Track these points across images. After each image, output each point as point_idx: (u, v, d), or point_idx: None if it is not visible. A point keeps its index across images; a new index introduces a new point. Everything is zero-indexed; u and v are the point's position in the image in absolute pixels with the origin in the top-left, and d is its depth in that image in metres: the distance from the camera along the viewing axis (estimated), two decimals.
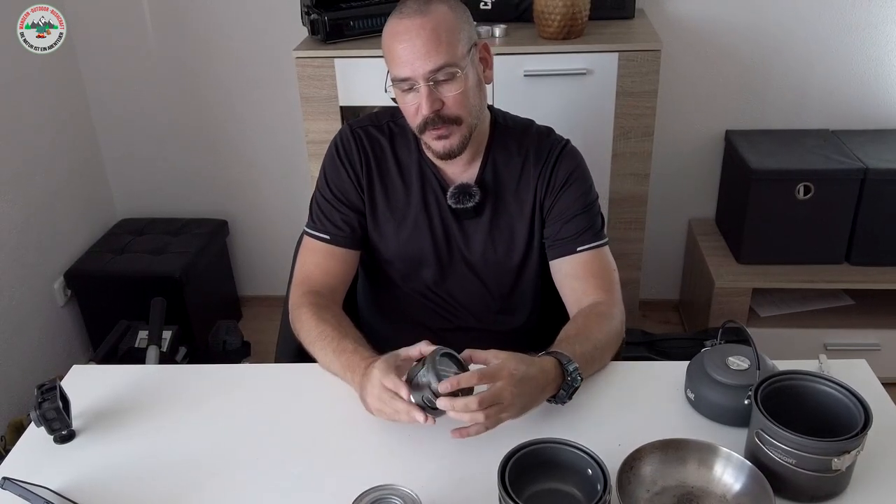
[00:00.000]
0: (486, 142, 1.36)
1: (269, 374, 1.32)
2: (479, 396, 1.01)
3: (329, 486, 1.04)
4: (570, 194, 1.34)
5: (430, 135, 1.26)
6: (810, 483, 0.96)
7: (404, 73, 1.21)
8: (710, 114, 2.47)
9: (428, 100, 1.21)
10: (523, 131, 1.39)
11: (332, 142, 1.40)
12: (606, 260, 1.35)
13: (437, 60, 1.20)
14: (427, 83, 1.21)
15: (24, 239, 2.32)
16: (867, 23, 2.30)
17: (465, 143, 1.28)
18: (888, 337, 2.31)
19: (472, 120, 1.28)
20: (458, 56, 1.21)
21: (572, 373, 1.12)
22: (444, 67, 1.20)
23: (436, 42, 1.19)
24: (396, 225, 1.38)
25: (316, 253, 1.39)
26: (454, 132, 1.26)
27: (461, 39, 1.23)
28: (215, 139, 2.66)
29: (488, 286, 1.43)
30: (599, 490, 0.91)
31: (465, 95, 1.24)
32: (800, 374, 1.04)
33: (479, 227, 1.38)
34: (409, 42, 1.19)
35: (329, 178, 1.39)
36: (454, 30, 1.22)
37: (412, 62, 1.20)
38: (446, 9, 1.22)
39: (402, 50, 1.20)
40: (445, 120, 1.24)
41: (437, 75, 1.21)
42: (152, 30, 2.50)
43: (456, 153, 1.28)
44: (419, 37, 1.19)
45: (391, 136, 1.38)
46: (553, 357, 1.13)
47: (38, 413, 1.10)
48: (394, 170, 1.37)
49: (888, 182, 2.18)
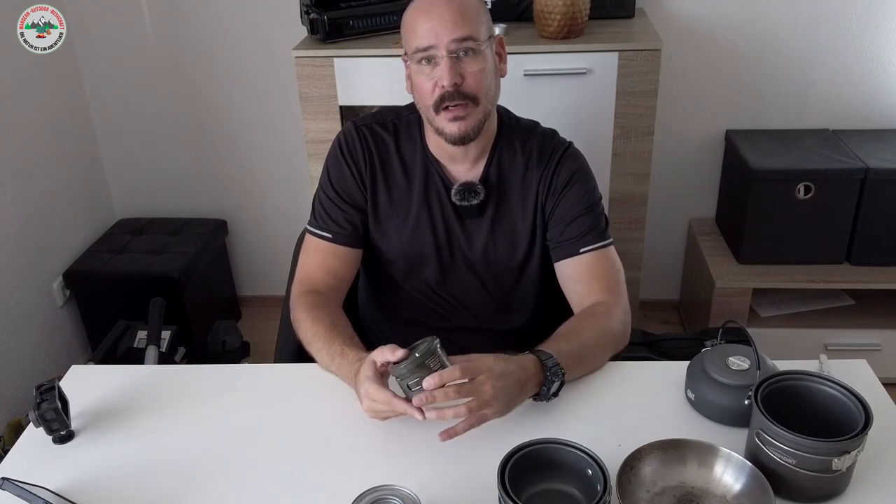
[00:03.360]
0: (492, 141, 1.36)
1: (269, 374, 1.32)
2: (458, 387, 1.02)
3: (329, 486, 1.04)
4: (573, 196, 1.34)
5: (446, 115, 1.25)
6: (810, 483, 0.96)
7: (428, 41, 1.22)
8: (710, 113, 2.47)
9: (450, 71, 1.21)
10: (528, 132, 1.38)
11: (335, 139, 1.40)
12: (610, 261, 1.35)
13: (462, 31, 1.21)
14: (450, 54, 1.21)
15: (23, 239, 2.32)
16: (867, 22, 2.30)
17: (479, 127, 1.27)
18: (888, 337, 2.30)
19: (488, 104, 1.28)
20: (482, 34, 1.24)
21: (552, 368, 1.11)
22: (468, 39, 1.22)
23: (462, 15, 1.22)
24: (399, 223, 1.38)
25: (318, 251, 1.38)
26: (470, 113, 1.25)
27: (484, 21, 1.26)
28: (214, 139, 2.66)
29: (488, 285, 1.42)
30: (599, 490, 0.90)
31: (485, 74, 1.25)
32: (800, 374, 1.04)
33: (481, 226, 1.38)
34: (436, 12, 1.22)
35: (332, 177, 1.38)
36: (479, 11, 1.26)
37: (437, 30, 1.21)
38: None
39: (428, 20, 1.22)
40: (464, 96, 1.23)
41: (461, 46, 1.22)
42: (152, 30, 2.50)
43: (471, 137, 1.27)
44: (447, 9, 1.22)
45: (395, 134, 1.38)
46: (533, 354, 1.13)
47: (36, 413, 1.10)
48: (397, 168, 1.37)
49: (888, 182, 2.17)
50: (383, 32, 2.14)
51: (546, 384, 1.12)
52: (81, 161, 2.62)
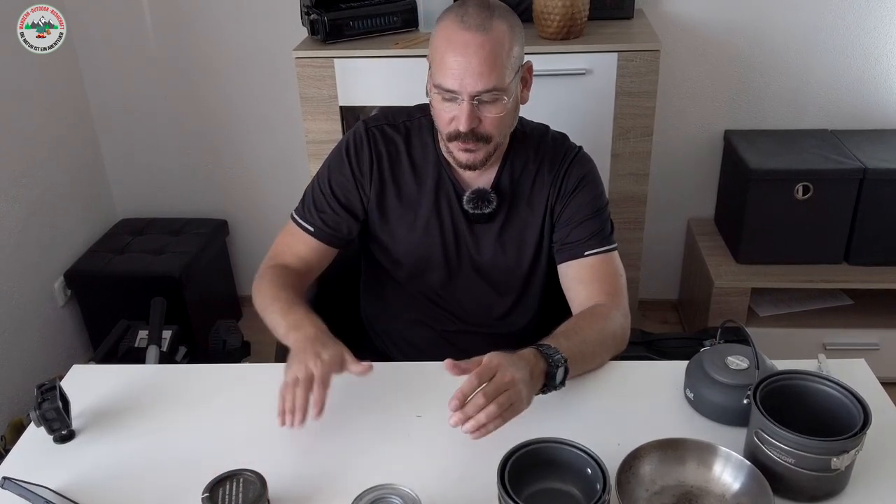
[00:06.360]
0: (504, 148, 1.35)
1: (269, 373, 1.32)
2: (484, 391, 1.00)
3: (329, 485, 1.04)
4: (580, 199, 1.35)
5: (458, 146, 1.26)
6: (809, 482, 0.96)
7: (451, 84, 1.20)
8: (709, 114, 2.47)
9: (468, 118, 1.21)
10: (540, 138, 1.38)
11: (344, 138, 1.40)
12: (614, 265, 1.35)
13: (486, 83, 1.19)
14: (471, 101, 1.20)
15: (25, 239, 2.32)
16: (866, 23, 2.30)
17: (488, 158, 1.29)
18: (887, 337, 2.31)
19: (501, 139, 1.29)
20: (507, 81, 1.21)
21: (553, 357, 1.11)
22: (491, 90, 1.20)
23: (490, 64, 1.18)
24: (407, 224, 1.38)
25: (295, 238, 1.40)
26: (481, 148, 1.26)
27: (512, 63, 1.22)
28: (215, 139, 2.66)
29: (495, 289, 1.43)
30: (599, 490, 0.91)
31: (503, 118, 1.24)
32: (799, 373, 1.05)
33: (490, 231, 1.38)
34: (464, 57, 1.18)
35: (331, 175, 1.38)
36: (509, 53, 1.21)
37: (462, 78, 1.18)
38: (507, 28, 1.20)
39: (455, 62, 1.18)
40: (477, 137, 1.24)
41: (482, 96, 1.20)
42: (152, 30, 2.50)
43: (477, 167, 1.29)
44: (476, 56, 1.17)
45: (407, 135, 1.37)
46: (532, 348, 1.13)
47: (37, 413, 1.10)
48: (407, 169, 1.37)
49: (887, 182, 2.18)
50: (384, 33, 2.14)
51: (551, 371, 1.11)
52: (82, 161, 2.62)
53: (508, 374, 1.03)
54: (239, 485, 0.97)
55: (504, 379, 1.02)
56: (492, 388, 1.01)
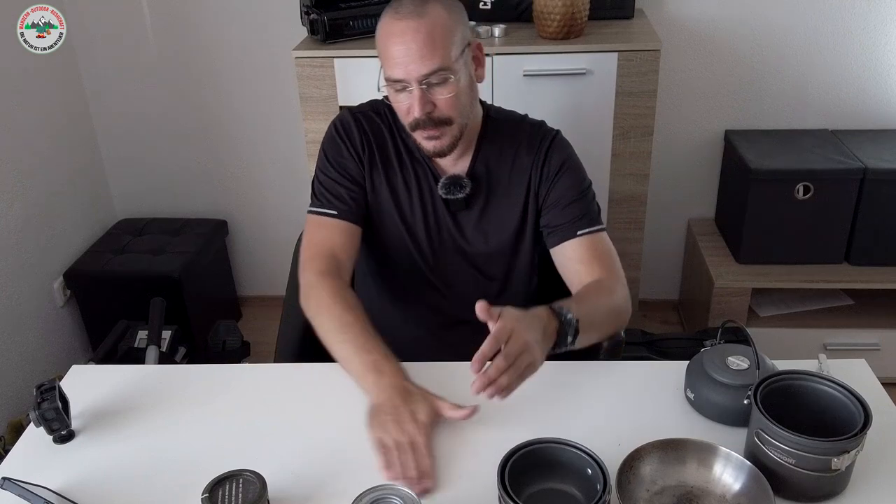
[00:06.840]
0: (477, 135, 1.38)
1: (269, 374, 1.32)
2: (503, 353, 1.01)
3: (329, 485, 1.04)
4: (565, 182, 1.36)
5: (421, 134, 1.29)
6: (810, 483, 0.96)
7: (398, 74, 1.23)
8: (709, 114, 2.47)
9: (420, 102, 1.23)
10: (516, 124, 1.41)
11: (330, 125, 1.42)
12: (607, 244, 1.36)
13: (430, 65, 1.21)
14: (420, 86, 1.22)
15: (24, 239, 2.32)
16: (866, 23, 2.30)
17: (455, 142, 1.30)
18: (888, 337, 2.31)
19: (463, 120, 1.30)
20: (452, 59, 1.23)
21: (565, 315, 1.12)
22: (437, 71, 1.22)
23: (430, 46, 1.20)
24: (394, 207, 1.40)
25: (322, 228, 1.37)
26: (445, 133, 1.28)
27: (455, 42, 1.24)
28: (215, 139, 2.66)
29: (480, 273, 1.44)
30: (599, 490, 0.91)
31: (457, 98, 1.26)
32: (799, 373, 1.04)
33: (470, 217, 1.40)
34: (403, 45, 1.20)
35: (330, 157, 1.40)
36: (449, 32, 1.23)
37: (406, 65, 1.21)
38: (442, 10, 1.23)
39: (397, 52, 1.21)
40: (436, 122, 1.26)
41: (430, 78, 1.22)
42: (152, 30, 2.50)
43: (446, 152, 1.31)
44: (414, 40, 1.20)
45: (392, 123, 1.40)
46: (545, 307, 1.13)
47: (37, 413, 1.10)
48: (392, 152, 1.39)
49: (887, 182, 2.18)
50: None
51: (563, 330, 1.11)
52: (82, 161, 2.62)
53: (523, 336, 1.04)
54: (239, 485, 0.97)
55: (521, 340, 1.03)
56: (513, 348, 1.02)
